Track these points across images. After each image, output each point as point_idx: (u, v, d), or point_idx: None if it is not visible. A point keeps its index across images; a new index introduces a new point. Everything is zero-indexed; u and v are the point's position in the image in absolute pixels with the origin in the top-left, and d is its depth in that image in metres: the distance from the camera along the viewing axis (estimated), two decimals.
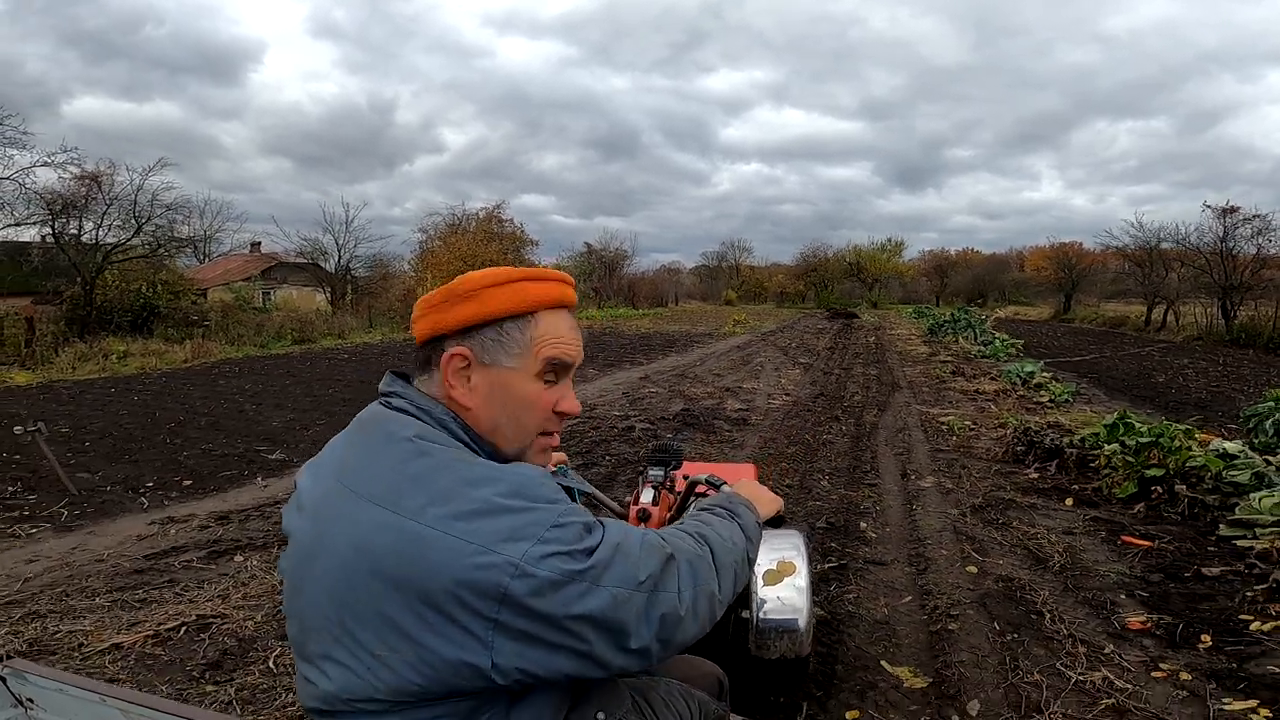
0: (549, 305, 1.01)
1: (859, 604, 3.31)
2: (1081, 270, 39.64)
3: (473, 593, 0.81)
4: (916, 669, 2.79)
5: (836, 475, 5.52)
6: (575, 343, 1.04)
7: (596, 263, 47.80)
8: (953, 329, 21.46)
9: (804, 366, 13.55)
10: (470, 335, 0.99)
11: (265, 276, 34.19)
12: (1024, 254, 61.08)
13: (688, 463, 2.29)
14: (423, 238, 35.12)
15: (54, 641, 3.01)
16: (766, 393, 9.99)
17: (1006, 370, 11.35)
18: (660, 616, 0.88)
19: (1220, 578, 3.52)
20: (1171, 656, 2.84)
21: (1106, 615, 3.19)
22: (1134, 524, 4.32)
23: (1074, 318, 35.05)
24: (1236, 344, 19.26)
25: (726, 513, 1.14)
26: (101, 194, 17.63)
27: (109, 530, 4.59)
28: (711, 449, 6.47)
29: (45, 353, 14.73)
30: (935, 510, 4.64)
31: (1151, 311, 27.53)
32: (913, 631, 3.09)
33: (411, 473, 0.88)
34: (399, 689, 0.84)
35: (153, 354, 15.51)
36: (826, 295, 55.67)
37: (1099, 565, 3.73)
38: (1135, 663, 2.80)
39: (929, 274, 62.74)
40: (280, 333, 19.69)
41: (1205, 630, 3.02)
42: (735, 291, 57.65)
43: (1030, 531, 4.21)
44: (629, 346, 18.18)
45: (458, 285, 1.00)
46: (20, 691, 1.20)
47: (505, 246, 33.73)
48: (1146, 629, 3.06)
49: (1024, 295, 51.88)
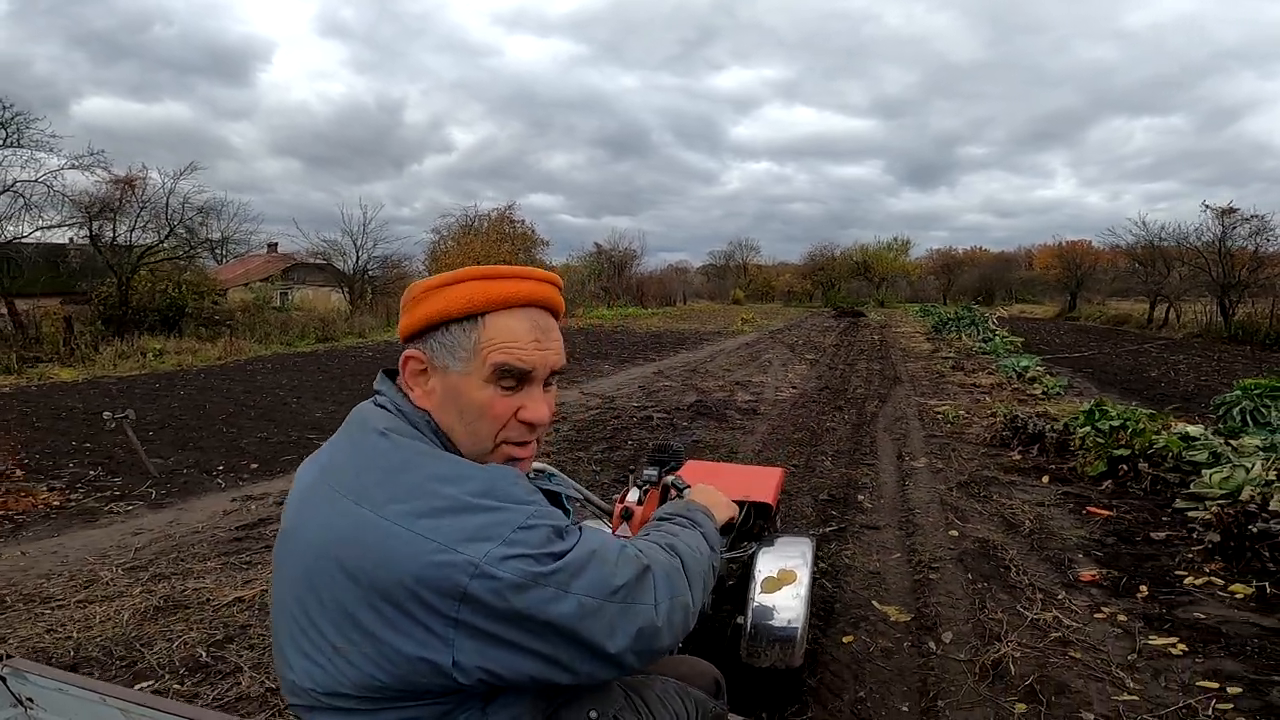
0: (502, 306, 0.97)
1: (854, 559, 3.90)
2: (1087, 269, 40.00)
3: (431, 590, 0.81)
4: (901, 607, 3.37)
5: (838, 457, 6.11)
6: (533, 347, 0.97)
7: (606, 263, 48.36)
8: (956, 326, 21.97)
9: (810, 362, 14.12)
10: (423, 338, 0.98)
11: (284, 277, 35.03)
12: (1033, 252, 61.25)
13: (710, 463, 2.31)
14: (435, 238, 35.91)
15: (184, 598, 3.55)
16: (774, 386, 10.58)
17: (1003, 365, 11.90)
18: (638, 629, 0.89)
19: (1166, 541, 4.09)
20: (1113, 603, 3.40)
21: (1063, 570, 3.76)
22: (1100, 497, 4.89)
23: (1079, 316, 35.43)
24: (1234, 340, 19.71)
25: (688, 521, 1.15)
26: (135, 197, 18.37)
27: (196, 507, 5.21)
28: (724, 435, 7.07)
29: (85, 351, 15.44)
30: (925, 486, 5.22)
31: (1154, 309, 27.95)
32: (899, 580, 3.67)
33: (380, 466, 0.90)
34: (363, 684, 0.85)
35: (186, 351, 16.20)
36: (834, 294, 56.12)
37: (1063, 531, 4.31)
38: (1082, 607, 3.37)
39: (936, 272, 62.98)
40: (304, 331, 20.39)
41: (1144, 582, 3.58)
42: (743, 291, 58.08)
43: (1007, 504, 4.78)
44: (641, 344, 18.77)
45: (417, 286, 1.00)
46: (20, 691, 1.19)
47: (517, 247, 34.40)
48: (1095, 580, 3.63)
49: (1031, 294, 52.20)
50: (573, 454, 6.32)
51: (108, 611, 3.37)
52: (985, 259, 64.95)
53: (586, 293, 41.70)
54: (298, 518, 0.94)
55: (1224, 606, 3.33)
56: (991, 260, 63.98)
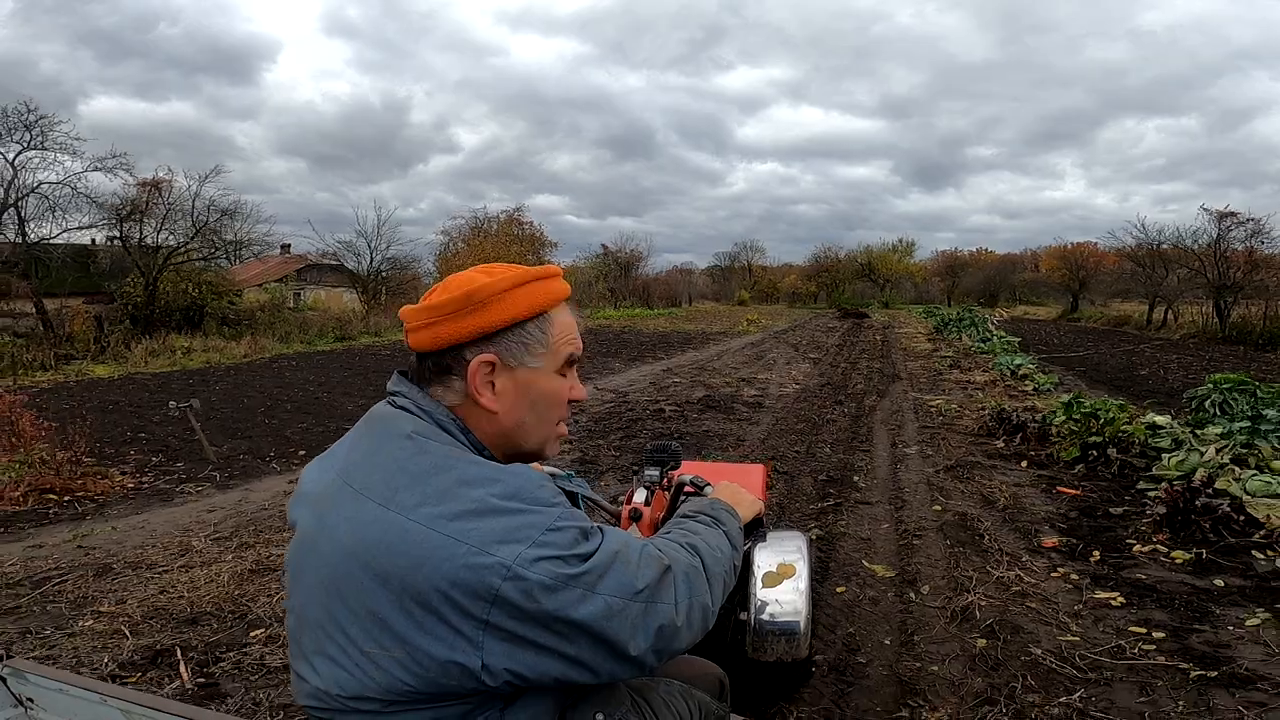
0: (559, 302, 1.05)
1: (848, 527, 4.46)
2: (1089, 271, 40.46)
3: (464, 593, 0.82)
4: (887, 566, 3.92)
5: (837, 444, 6.68)
6: (579, 335, 1.09)
7: (612, 264, 48.99)
8: (957, 327, 22.48)
9: (813, 361, 14.67)
10: (493, 340, 0.99)
11: (297, 278, 35.77)
12: (1038, 254, 61.55)
13: (696, 463, 2.32)
14: (445, 239, 36.57)
15: (271, 563, 4.04)
16: (779, 382, 11.15)
17: (997, 363, 12.44)
18: (658, 628, 0.91)
19: (1123, 515, 4.64)
20: (1068, 565, 3.94)
21: (1029, 538, 4.31)
22: (1071, 479, 5.44)
23: (1081, 317, 35.91)
24: (1228, 341, 20.19)
25: (712, 520, 1.16)
26: (162, 199, 19.08)
27: (259, 488, 5.78)
28: (732, 425, 7.63)
29: (117, 349, 16.09)
30: (915, 469, 5.78)
31: (1153, 311, 28.42)
32: (887, 545, 4.23)
33: (409, 470, 0.91)
34: (390, 688, 0.86)
35: (212, 350, 16.84)
36: (838, 295, 56.60)
37: (1034, 506, 4.86)
38: (1041, 567, 3.91)
39: (941, 274, 63.40)
40: (322, 331, 21.06)
41: (1097, 549, 4.12)
42: (748, 292, 58.61)
43: (987, 484, 5.33)
44: (649, 343, 19.36)
45: (471, 292, 0.99)
46: (20, 691, 1.20)
47: (526, 248, 35.04)
48: (1055, 547, 4.18)
49: (1035, 295, 52.60)
50: (592, 442, 6.89)
51: (208, 575, 3.88)
52: (990, 261, 65.30)
53: (594, 293, 42.33)
54: (319, 522, 0.95)
55: (1164, 569, 3.87)
56: (997, 262, 64.33)
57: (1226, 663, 2.88)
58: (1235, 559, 3.94)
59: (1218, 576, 3.73)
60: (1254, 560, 3.91)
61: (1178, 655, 2.98)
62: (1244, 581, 3.67)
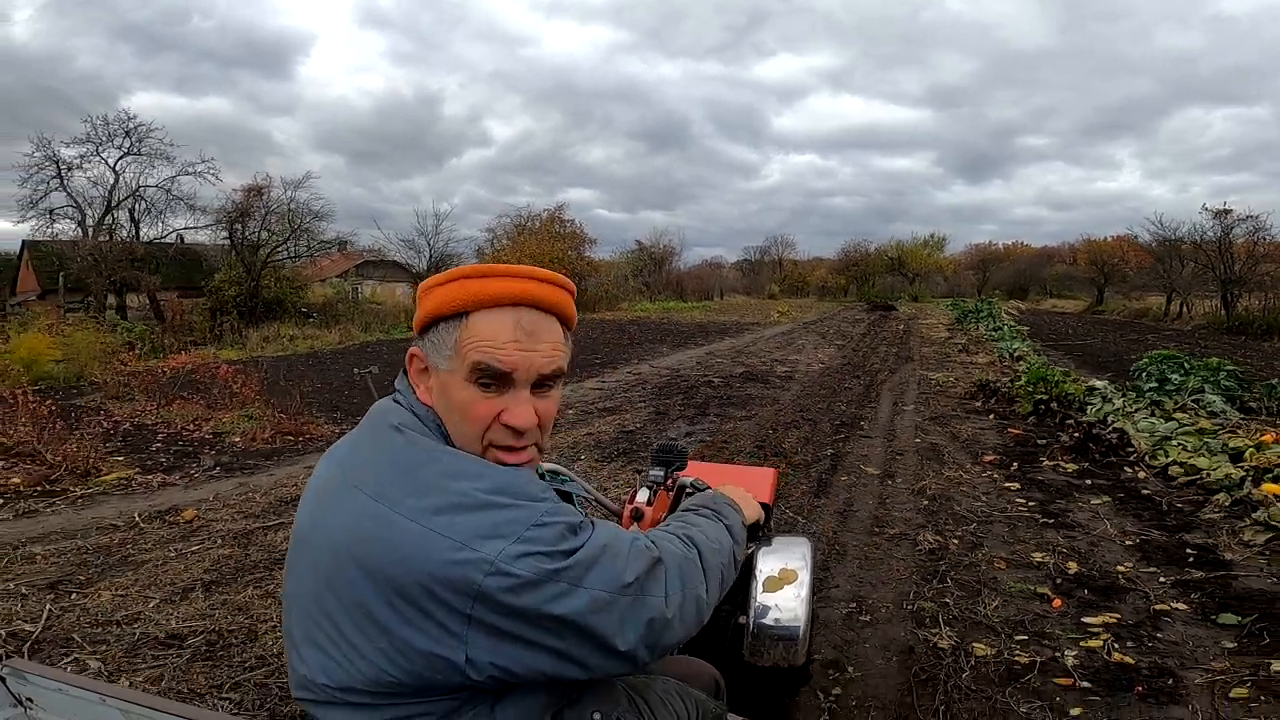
0: (488, 304, 0.96)
1: (853, 449, 6.52)
2: (1114, 264, 41.49)
3: (446, 588, 0.84)
4: (876, 468, 5.96)
5: (851, 403, 8.73)
6: (513, 347, 0.96)
7: (647, 259, 51.03)
8: (975, 318, 24.15)
9: (839, 346, 16.64)
10: (422, 336, 1.01)
11: (356, 273, 38.56)
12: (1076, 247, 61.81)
13: (704, 464, 2.36)
14: (489, 236, 38.94)
15: None
16: (806, 362, 13.18)
17: (999, 347, 14.28)
18: (648, 621, 0.91)
19: (1044, 445, 6.61)
20: (994, 470, 5.89)
21: (975, 457, 6.30)
22: (1020, 425, 7.41)
23: (1105, 310, 37.08)
24: (1232, 331, 21.61)
25: (712, 513, 1.17)
26: (263, 202, 21.74)
27: None
28: (768, 391, 9.71)
29: (232, 335, 18.67)
30: (908, 419, 7.80)
31: (1169, 303, 29.69)
32: (878, 458, 6.27)
33: (399, 463, 0.92)
34: (376, 680, 0.88)
35: (309, 337, 19.35)
36: (868, 289, 57.73)
37: (986, 440, 6.86)
38: (978, 472, 5.89)
39: (974, 268, 64.01)
40: (395, 321, 23.58)
41: (1017, 462, 6.09)
42: (778, 285, 60.00)
43: (959, 428, 7.33)
44: (689, 332, 21.46)
45: (422, 284, 1.02)
46: (20, 691, 1.20)
47: (567, 245, 37.21)
48: (992, 462, 6.16)
49: (1067, 289, 53.37)
50: (660, 401, 9.00)
51: None
52: (1025, 254, 65.66)
53: (629, 287, 44.40)
54: (317, 513, 0.97)
55: (1056, 475, 5.82)
56: (1031, 255, 64.72)
57: (1065, 517, 4.84)
58: (1110, 471, 5.89)
59: (1090, 479, 5.69)
60: (1121, 472, 5.86)
61: (1038, 513, 4.89)
62: (1106, 482, 5.62)
